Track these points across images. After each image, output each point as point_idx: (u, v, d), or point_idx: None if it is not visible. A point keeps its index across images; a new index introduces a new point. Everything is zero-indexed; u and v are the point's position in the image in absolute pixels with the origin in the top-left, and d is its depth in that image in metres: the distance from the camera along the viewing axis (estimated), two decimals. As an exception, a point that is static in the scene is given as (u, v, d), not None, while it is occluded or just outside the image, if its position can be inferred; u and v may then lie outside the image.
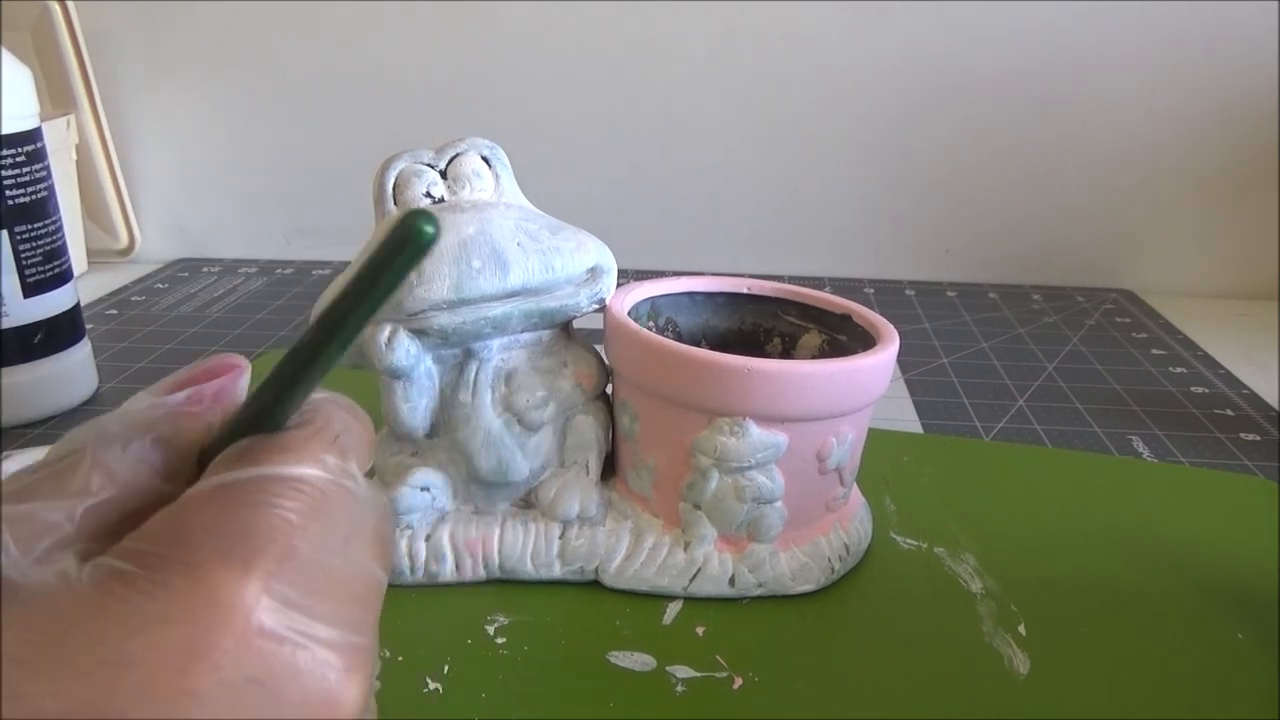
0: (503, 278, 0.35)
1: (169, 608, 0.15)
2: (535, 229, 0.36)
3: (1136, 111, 0.76)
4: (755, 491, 0.35)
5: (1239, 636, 0.35)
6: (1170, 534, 0.41)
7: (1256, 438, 0.52)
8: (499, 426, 0.37)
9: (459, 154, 0.38)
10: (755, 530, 0.36)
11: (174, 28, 0.84)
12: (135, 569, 0.15)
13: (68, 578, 0.15)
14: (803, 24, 0.77)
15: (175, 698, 0.14)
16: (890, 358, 0.36)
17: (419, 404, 0.37)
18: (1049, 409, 0.55)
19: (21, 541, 0.15)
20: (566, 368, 0.38)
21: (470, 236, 0.35)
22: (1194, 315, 0.73)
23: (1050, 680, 0.32)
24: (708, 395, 0.34)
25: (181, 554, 0.15)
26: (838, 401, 0.34)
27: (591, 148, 0.83)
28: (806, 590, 0.36)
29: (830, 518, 0.38)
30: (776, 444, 0.34)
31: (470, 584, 0.37)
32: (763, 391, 0.33)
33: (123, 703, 0.14)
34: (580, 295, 0.37)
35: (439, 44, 0.81)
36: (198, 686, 0.14)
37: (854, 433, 0.36)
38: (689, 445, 0.35)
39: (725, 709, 0.31)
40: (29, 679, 0.14)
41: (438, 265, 0.34)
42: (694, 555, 0.36)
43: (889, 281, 0.81)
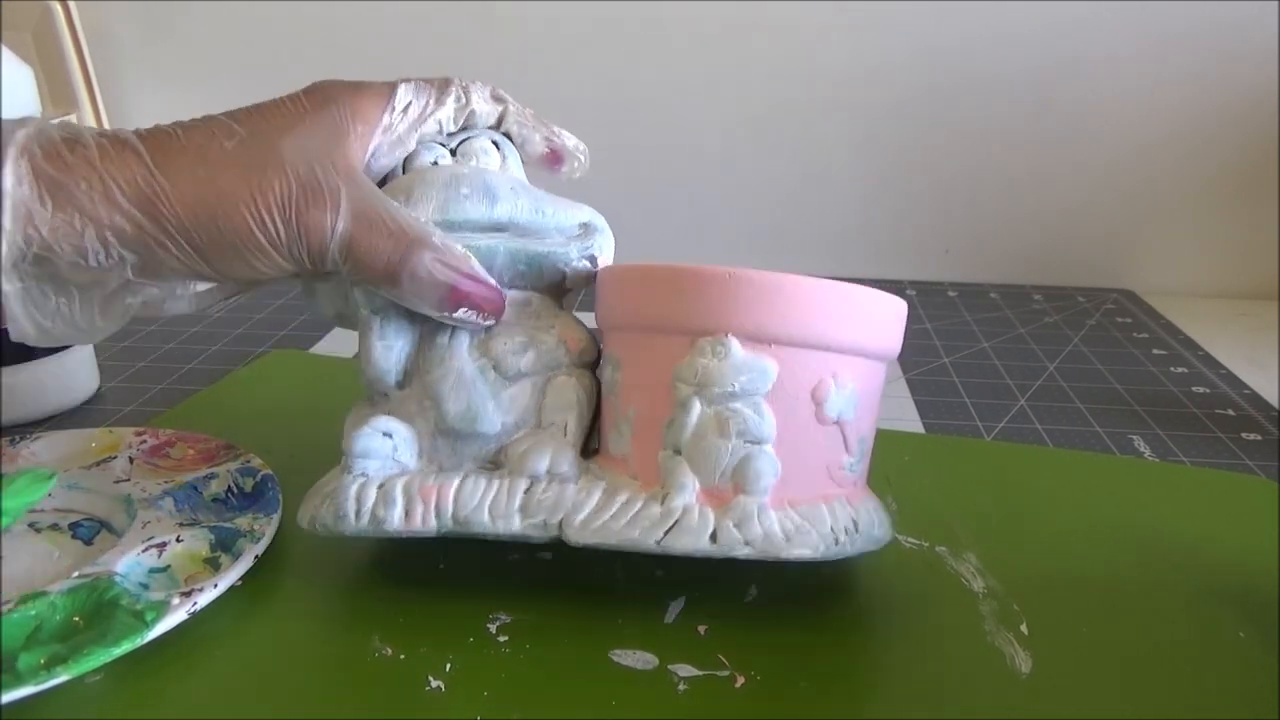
0: (490, 206, 0.35)
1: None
2: (530, 187, 0.37)
3: (1137, 111, 0.76)
4: (740, 425, 0.32)
5: (1240, 636, 0.35)
6: (1171, 533, 0.41)
7: (1257, 437, 0.52)
8: (473, 369, 0.35)
9: (470, 137, 0.38)
10: (742, 479, 0.32)
11: (174, 28, 0.84)
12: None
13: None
14: (803, 23, 0.77)
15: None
16: (892, 309, 0.34)
17: (395, 344, 0.36)
18: (1050, 409, 0.55)
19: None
20: (553, 329, 0.37)
21: (464, 172, 0.36)
22: (1195, 315, 0.73)
23: (1052, 679, 0.32)
24: (689, 312, 0.32)
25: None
26: (832, 328, 0.32)
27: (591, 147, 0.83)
28: (804, 556, 0.32)
29: (836, 490, 0.34)
30: (763, 368, 0.32)
31: (419, 535, 0.34)
32: (746, 302, 0.31)
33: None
34: (570, 247, 0.37)
35: (439, 43, 0.81)
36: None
37: (856, 384, 0.33)
38: (670, 378, 0.33)
39: (727, 708, 0.31)
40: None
41: (426, 189, 0.35)
42: (671, 506, 0.32)
43: (889, 281, 0.81)
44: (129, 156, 0.30)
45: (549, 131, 0.39)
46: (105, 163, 0.30)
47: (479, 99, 0.38)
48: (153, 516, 0.37)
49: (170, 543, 0.35)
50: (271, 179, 0.31)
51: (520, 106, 0.39)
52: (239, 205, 0.31)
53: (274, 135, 0.32)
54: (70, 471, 0.42)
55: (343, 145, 0.33)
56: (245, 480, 0.41)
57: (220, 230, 0.31)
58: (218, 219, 0.31)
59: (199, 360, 0.61)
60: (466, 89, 0.37)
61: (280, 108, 0.33)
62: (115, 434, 0.45)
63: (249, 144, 0.32)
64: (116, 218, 0.30)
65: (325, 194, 0.32)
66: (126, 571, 0.33)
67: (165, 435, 0.45)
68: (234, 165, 0.31)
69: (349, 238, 0.32)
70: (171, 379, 0.58)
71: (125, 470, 0.42)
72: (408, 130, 0.36)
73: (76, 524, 0.40)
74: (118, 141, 0.31)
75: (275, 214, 0.32)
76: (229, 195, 0.31)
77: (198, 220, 0.31)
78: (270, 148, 0.32)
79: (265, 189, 0.31)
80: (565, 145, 0.39)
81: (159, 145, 0.31)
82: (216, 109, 0.34)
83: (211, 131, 0.32)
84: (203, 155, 0.31)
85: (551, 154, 0.39)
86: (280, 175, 0.32)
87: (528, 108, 0.39)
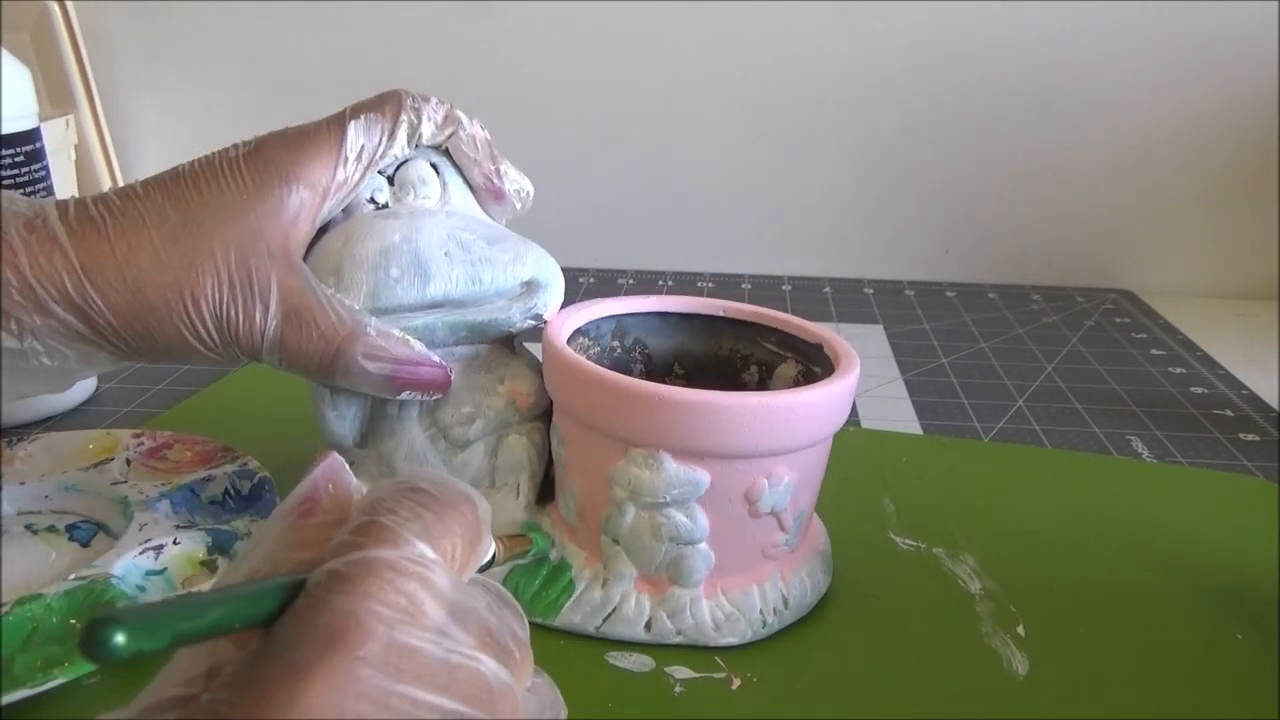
0: (422, 288, 0.34)
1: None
2: (470, 238, 0.35)
3: (1137, 112, 0.76)
4: (673, 531, 0.32)
5: (1239, 637, 0.35)
6: (1170, 534, 0.41)
7: (1256, 438, 0.52)
8: (423, 440, 0.36)
9: (407, 160, 0.37)
10: (676, 573, 0.33)
11: (173, 28, 0.84)
12: (218, 697, 0.16)
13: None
14: (803, 25, 0.77)
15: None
16: (832, 394, 0.32)
17: (347, 412, 0.36)
18: (1048, 409, 0.55)
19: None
20: (503, 384, 0.36)
21: (393, 244, 0.34)
22: (1194, 315, 0.73)
23: (1049, 681, 0.32)
24: (621, 423, 0.31)
25: (254, 677, 0.16)
26: (765, 440, 0.31)
27: (592, 148, 0.83)
28: (731, 644, 0.33)
29: (769, 566, 0.34)
30: (695, 481, 0.31)
31: None
32: (676, 422, 0.30)
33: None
34: (513, 310, 0.36)
35: (439, 43, 0.81)
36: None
37: (793, 475, 0.32)
38: (607, 476, 0.33)
39: (724, 709, 0.31)
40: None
41: (355, 272, 0.34)
42: (610, 593, 0.34)
43: (889, 281, 0.81)
44: (57, 260, 0.29)
45: (492, 169, 0.37)
46: (35, 271, 0.29)
47: (428, 122, 0.35)
48: (150, 519, 0.37)
49: (167, 545, 0.35)
50: (202, 279, 0.31)
51: (473, 133, 0.37)
52: (170, 317, 0.31)
53: (207, 219, 0.31)
54: (68, 473, 0.42)
55: (279, 224, 0.32)
56: (243, 483, 0.41)
57: (154, 338, 0.31)
58: (151, 329, 0.31)
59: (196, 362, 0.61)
60: (417, 109, 0.35)
61: (218, 179, 0.31)
62: (113, 436, 0.45)
63: (179, 234, 0.30)
64: (52, 323, 0.30)
65: (255, 290, 0.31)
66: (123, 574, 0.33)
67: (163, 437, 0.45)
68: (163, 270, 0.30)
69: (280, 338, 0.32)
70: (169, 380, 0.58)
71: (123, 472, 0.42)
72: (362, 175, 0.34)
73: (73, 526, 0.40)
74: (45, 239, 0.29)
75: (208, 319, 0.31)
76: (160, 306, 0.30)
77: (131, 329, 0.30)
78: (201, 235, 0.31)
79: (196, 293, 0.30)
80: (504, 189, 0.38)
81: (86, 242, 0.30)
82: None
83: (141, 220, 0.30)
84: (131, 258, 0.30)
85: (490, 190, 0.38)
86: (211, 272, 0.31)
87: (484, 131, 0.37)
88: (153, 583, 0.34)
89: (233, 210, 0.31)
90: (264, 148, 0.32)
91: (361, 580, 0.17)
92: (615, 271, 0.83)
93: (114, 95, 0.85)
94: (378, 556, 0.18)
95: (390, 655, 0.16)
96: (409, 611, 0.17)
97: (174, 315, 0.31)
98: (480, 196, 0.39)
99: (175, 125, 0.86)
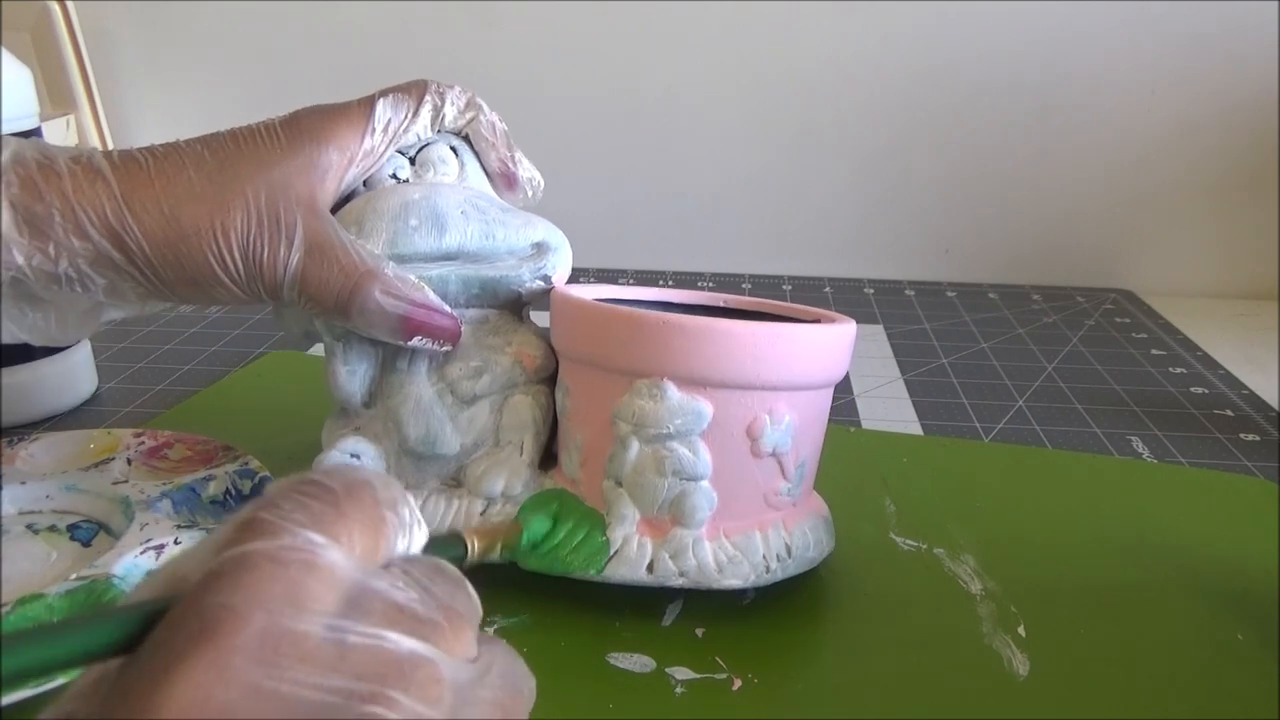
0: (438, 237, 0.36)
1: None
2: (484, 204, 0.37)
3: (1136, 112, 0.76)
4: (676, 464, 0.33)
5: (1239, 637, 0.35)
6: (1170, 535, 0.41)
7: (1256, 438, 0.52)
8: (430, 395, 0.37)
9: (429, 143, 0.38)
10: (679, 512, 0.33)
11: (174, 28, 0.84)
12: (78, 716, 0.16)
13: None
14: (804, 26, 0.77)
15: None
16: (831, 335, 0.33)
17: (358, 369, 0.37)
18: (1049, 410, 0.55)
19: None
20: (510, 346, 0.37)
21: (412, 200, 0.36)
22: (1194, 315, 0.73)
23: (1050, 681, 0.32)
24: (626, 354, 0.32)
25: (119, 687, 0.16)
26: (766, 369, 0.32)
27: (592, 148, 0.83)
28: (734, 586, 0.33)
29: (772, 515, 0.35)
30: (698, 411, 0.32)
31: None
32: (680, 348, 0.31)
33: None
34: (523, 269, 0.37)
35: (439, 43, 0.81)
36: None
37: (794, 416, 0.33)
38: (610, 414, 0.33)
39: (725, 710, 0.31)
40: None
41: (376, 221, 0.35)
42: (612, 537, 0.34)
43: (889, 281, 0.81)
44: (100, 187, 0.31)
45: (508, 154, 0.40)
46: (78, 195, 0.31)
47: (451, 106, 0.38)
48: (151, 518, 0.37)
49: (168, 545, 0.35)
50: (233, 213, 0.32)
51: (493, 120, 0.39)
52: (200, 243, 0.32)
53: (242, 166, 0.33)
54: (68, 473, 0.42)
55: (308, 178, 0.34)
56: (243, 482, 0.41)
57: (183, 265, 0.32)
58: (180, 255, 0.32)
59: (197, 361, 0.61)
60: (441, 94, 0.38)
61: (255, 137, 0.34)
62: (113, 435, 0.45)
63: (215, 175, 0.33)
64: (88, 248, 0.31)
65: (282, 227, 0.33)
66: (124, 574, 0.33)
67: (163, 437, 0.45)
68: (198, 201, 0.32)
69: (301, 272, 0.33)
70: (170, 380, 0.58)
71: (123, 472, 0.42)
72: (387, 146, 0.37)
73: (74, 526, 0.40)
74: (90, 170, 0.31)
75: (235, 250, 0.33)
76: (191, 233, 0.32)
77: (162, 255, 0.32)
78: (235, 179, 0.33)
79: (227, 224, 0.32)
80: (518, 175, 0.40)
81: (128, 176, 0.32)
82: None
83: (181, 161, 0.33)
84: (169, 189, 0.32)
85: (505, 175, 0.40)
86: (242, 208, 0.33)
87: (501, 123, 0.40)
88: (153, 583, 0.34)
89: (267, 161, 0.33)
90: (299, 115, 0.35)
91: (235, 574, 0.17)
92: (616, 271, 0.83)
93: (114, 95, 0.85)
94: (254, 549, 0.17)
95: (268, 641, 0.16)
96: (290, 599, 0.17)
97: (204, 243, 0.32)
98: (495, 182, 0.40)
99: (175, 125, 0.86)
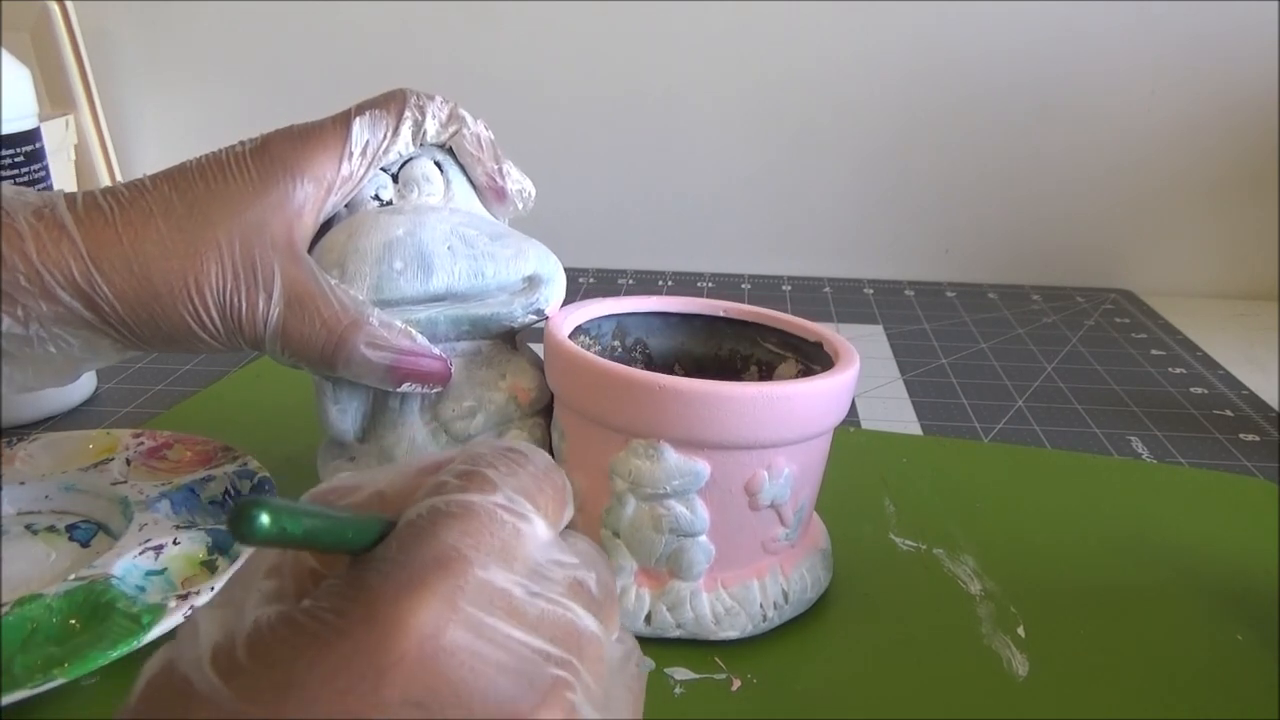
0: (425, 281, 0.34)
1: (337, 633, 0.16)
2: (473, 234, 0.36)
3: (1137, 112, 0.76)
4: (673, 523, 0.32)
5: (1239, 637, 0.35)
6: (1170, 535, 0.41)
7: (1256, 438, 0.52)
8: (425, 435, 0.36)
9: (411, 158, 0.37)
10: (676, 566, 0.33)
11: (173, 28, 0.84)
12: (322, 605, 0.16)
13: (273, 617, 0.16)
14: (803, 24, 0.77)
15: (335, 717, 0.15)
16: (831, 386, 0.32)
17: (349, 406, 0.36)
18: (1048, 410, 0.55)
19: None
20: (504, 380, 0.36)
21: (396, 238, 0.34)
22: (1193, 315, 0.73)
23: (1049, 682, 0.32)
24: (622, 414, 0.32)
25: (362, 590, 0.16)
26: (765, 430, 0.31)
27: (592, 148, 0.83)
28: (731, 637, 0.33)
29: (769, 561, 0.34)
30: (695, 472, 0.31)
31: None
32: (677, 412, 0.31)
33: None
34: (515, 304, 0.36)
35: (439, 43, 0.81)
36: (357, 708, 0.15)
37: (794, 467, 0.32)
38: (607, 467, 0.33)
39: (724, 710, 0.31)
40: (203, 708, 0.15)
41: (360, 265, 0.34)
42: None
43: (889, 281, 0.81)
44: (65, 246, 0.30)
45: (495, 167, 0.38)
46: (42, 255, 0.29)
47: (432, 120, 0.36)
48: (150, 519, 0.37)
49: (167, 545, 0.35)
50: (207, 267, 0.31)
51: (478, 132, 0.37)
52: (175, 302, 0.31)
53: (212, 209, 0.31)
54: (68, 473, 0.42)
55: (283, 215, 0.32)
56: (243, 483, 0.41)
57: (158, 324, 0.31)
58: (155, 315, 0.31)
59: (196, 362, 0.61)
60: (421, 107, 0.36)
61: (225, 172, 0.32)
62: (113, 435, 0.45)
63: (185, 223, 0.31)
64: (57, 310, 0.30)
65: (259, 279, 0.32)
66: (123, 574, 0.33)
67: (163, 437, 0.45)
68: (168, 256, 0.31)
69: (282, 326, 0.32)
70: (169, 380, 0.58)
71: (122, 472, 0.42)
72: (366, 169, 0.35)
73: (73, 526, 0.40)
74: (53, 226, 0.30)
75: (211, 307, 0.31)
76: (164, 292, 0.31)
77: (136, 315, 0.31)
78: (207, 226, 0.31)
79: (200, 280, 0.31)
80: (506, 188, 0.39)
81: (93, 232, 0.30)
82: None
83: (149, 209, 0.31)
84: (137, 245, 0.30)
85: (493, 189, 0.39)
86: (216, 261, 0.31)
87: (488, 132, 0.38)
88: (153, 583, 0.34)
89: (238, 202, 0.32)
90: (270, 143, 0.33)
91: (463, 519, 0.18)
92: (615, 271, 0.83)
93: (114, 95, 0.85)
94: (479, 500, 0.19)
95: (485, 591, 0.17)
96: (504, 555, 0.18)
97: (178, 301, 0.31)
98: (483, 196, 0.39)
99: (175, 125, 0.86)
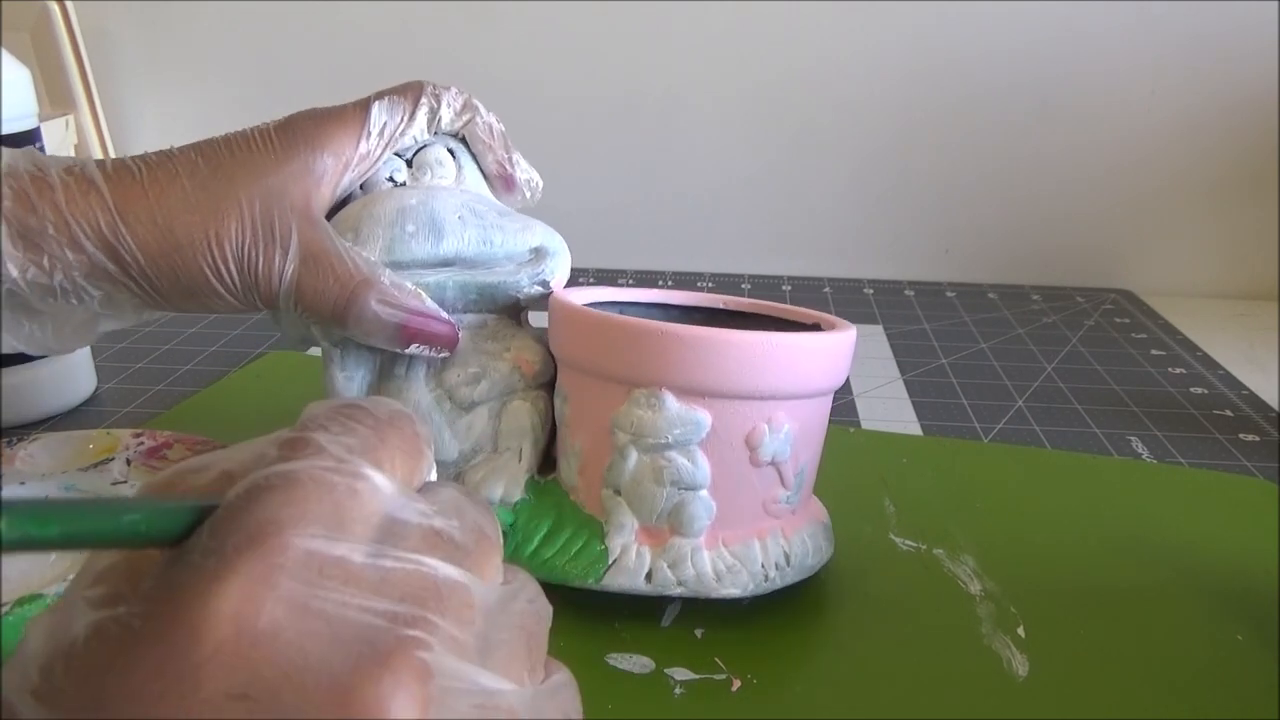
0: (436, 244, 0.36)
1: (147, 637, 0.15)
2: (482, 209, 0.37)
3: (1136, 112, 0.76)
4: (674, 474, 0.33)
5: (1239, 637, 0.35)
6: (1169, 535, 0.41)
7: (1256, 438, 0.52)
8: (429, 401, 0.36)
9: (426, 145, 0.38)
10: (678, 522, 0.33)
11: (173, 28, 0.84)
12: (133, 610, 0.15)
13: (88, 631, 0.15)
14: (803, 24, 0.77)
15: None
16: (831, 343, 0.33)
17: (355, 375, 0.37)
18: (1048, 410, 0.55)
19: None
20: (509, 351, 0.37)
21: (409, 205, 0.36)
22: (1193, 316, 0.73)
23: (1049, 682, 0.32)
24: (624, 363, 0.32)
25: (170, 586, 0.15)
26: (765, 379, 0.32)
27: (592, 148, 0.83)
28: (733, 595, 0.33)
29: (771, 523, 0.35)
30: (696, 421, 0.32)
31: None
32: (678, 358, 0.31)
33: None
34: (521, 274, 0.37)
35: (439, 43, 0.81)
36: (177, 711, 0.14)
37: (793, 424, 0.33)
38: (609, 423, 0.33)
39: (724, 711, 0.31)
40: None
41: (373, 228, 0.35)
42: (611, 546, 0.34)
43: (889, 281, 0.81)
44: (93, 199, 0.31)
45: (506, 156, 0.39)
46: (71, 207, 0.31)
47: (447, 108, 0.38)
48: (150, 519, 0.37)
49: (167, 545, 0.35)
50: (228, 223, 0.32)
51: (490, 122, 0.39)
52: (195, 254, 0.32)
53: (236, 173, 0.33)
54: (68, 473, 0.42)
55: (303, 184, 0.34)
56: (242, 482, 0.41)
57: (178, 276, 0.32)
58: (176, 266, 0.32)
59: (196, 362, 0.61)
60: (437, 95, 0.37)
61: (249, 143, 0.34)
62: (113, 435, 0.45)
63: (209, 183, 0.32)
64: (82, 260, 0.31)
65: (276, 236, 0.33)
66: (123, 574, 0.33)
67: (163, 437, 0.45)
68: (192, 211, 0.32)
69: (297, 281, 0.33)
70: (169, 380, 0.58)
71: (123, 472, 0.42)
72: (383, 150, 0.36)
73: (74, 526, 0.39)
74: (83, 181, 0.31)
75: (230, 261, 0.33)
76: (186, 243, 0.32)
77: (157, 266, 0.32)
78: (230, 187, 0.33)
79: (221, 234, 0.32)
80: (515, 176, 0.40)
81: (121, 187, 0.32)
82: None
83: (174, 170, 0.33)
84: (163, 199, 0.32)
85: (502, 177, 0.40)
86: (236, 218, 0.32)
87: (499, 124, 0.39)
88: (153, 583, 0.34)
89: (261, 168, 0.33)
90: (293, 120, 0.35)
91: (283, 489, 0.17)
92: (615, 271, 0.83)
93: (114, 95, 0.85)
94: (301, 468, 0.17)
95: (312, 562, 0.16)
96: (335, 520, 0.17)
97: (199, 254, 0.32)
98: (493, 184, 0.40)
99: (175, 125, 0.86)
